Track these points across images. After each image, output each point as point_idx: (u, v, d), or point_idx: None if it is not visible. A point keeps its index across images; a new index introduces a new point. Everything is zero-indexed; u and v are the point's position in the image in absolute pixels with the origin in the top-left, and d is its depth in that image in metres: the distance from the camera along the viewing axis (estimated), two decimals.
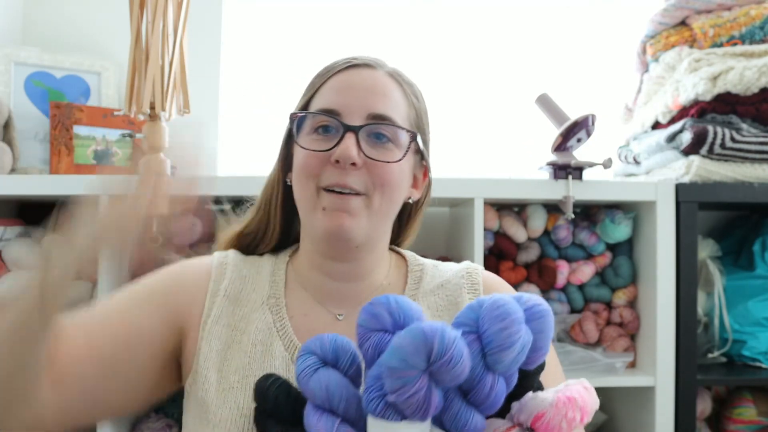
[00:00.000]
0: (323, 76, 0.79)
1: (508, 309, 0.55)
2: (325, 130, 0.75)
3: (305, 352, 0.61)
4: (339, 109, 0.74)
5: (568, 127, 1.35)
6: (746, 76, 1.31)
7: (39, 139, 1.53)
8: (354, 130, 0.73)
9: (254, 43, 1.78)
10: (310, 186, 0.74)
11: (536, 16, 1.82)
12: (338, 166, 0.72)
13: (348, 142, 0.72)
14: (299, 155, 0.76)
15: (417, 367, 0.52)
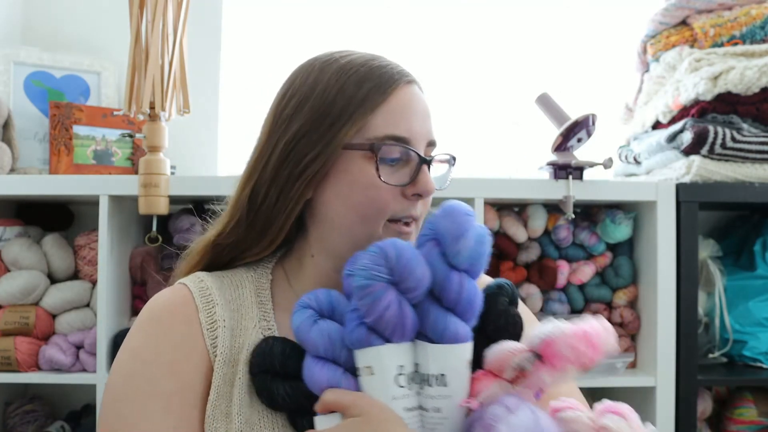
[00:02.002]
0: (381, 92, 0.67)
1: (455, 205, 0.62)
2: (395, 158, 0.67)
3: (301, 306, 0.61)
4: (409, 137, 0.67)
5: (569, 126, 1.35)
6: (747, 75, 1.31)
7: (38, 139, 1.53)
8: (428, 162, 0.69)
9: (254, 43, 1.78)
10: (377, 220, 0.67)
11: (536, 15, 1.82)
12: (411, 199, 0.68)
13: (429, 176, 0.68)
14: (370, 188, 0.66)
15: (380, 278, 0.56)
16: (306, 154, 0.67)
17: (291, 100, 0.71)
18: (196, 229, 1.41)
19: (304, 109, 0.69)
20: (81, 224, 1.59)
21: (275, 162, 0.69)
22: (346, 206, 0.67)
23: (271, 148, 0.70)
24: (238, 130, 1.77)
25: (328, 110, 0.67)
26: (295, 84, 0.73)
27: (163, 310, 0.68)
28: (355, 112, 0.67)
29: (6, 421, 1.47)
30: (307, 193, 0.69)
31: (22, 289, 1.34)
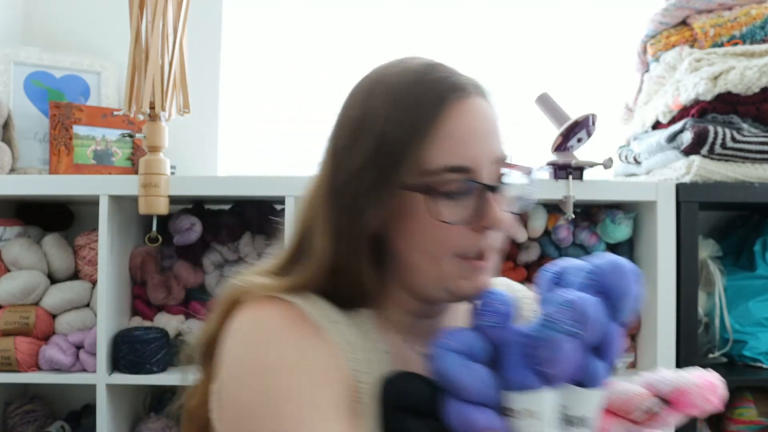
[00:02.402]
0: (431, 117, 0.59)
1: (624, 263, 0.61)
2: (454, 192, 0.59)
3: (447, 348, 0.59)
4: (469, 165, 0.59)
5: (569, 126, 1.35)
6: (747, 75, 1.31)
7: (38, 139, 1.53)
8: (494, 189, 0.61)
9: (254, 43, 1.78)
10: (444, 259, 0.61)
11: (536, 15, 1.82)
12: (481, 232, 0.61)
13: (497, 206, 0.60)
14: (432, 227, 0.59)
15: (569, 331, 0.55)
16: (362, 195, 0.60)
17: (344, 129, 0.63)
18: (196, 228, 1.41)
19: (357, 144, 0.60)
20: (81, 224, 1.59)
21: (334, 202, 0.61)
22: (411, 246, 0.61)
23: (332, 183, 0.62)
24: (238, 130, 1.77)
25: (378, 146, 0.59)
26: (347, 109, 0.64)
27: (286, 323, 0.59)
28: (406, 146, 0.59)
29: (6, 421, 1.47)
30: (369, 230, 0.61)
31: (22, 289, 1.34)
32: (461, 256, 0.61)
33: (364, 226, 0.60)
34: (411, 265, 0.62)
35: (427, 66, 0.64)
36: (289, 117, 1.78)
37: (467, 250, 0.61)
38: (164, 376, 1.34)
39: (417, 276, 0.62)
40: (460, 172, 0.59)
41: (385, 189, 0.59)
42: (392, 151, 0.59)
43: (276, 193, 1.30)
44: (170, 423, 1.43)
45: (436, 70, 0.63)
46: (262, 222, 1.46)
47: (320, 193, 0.63)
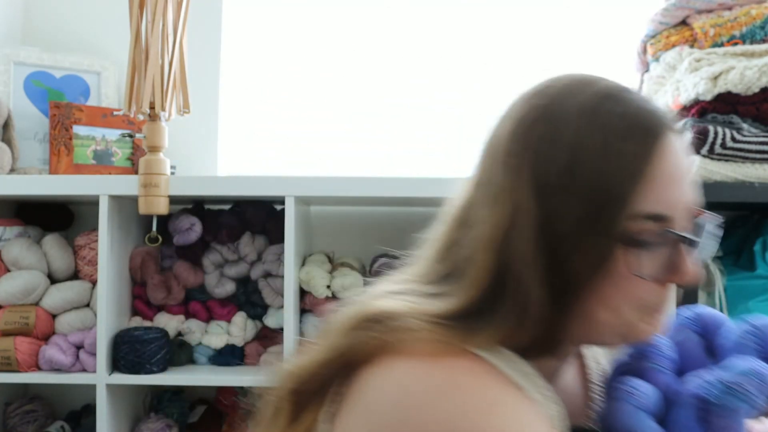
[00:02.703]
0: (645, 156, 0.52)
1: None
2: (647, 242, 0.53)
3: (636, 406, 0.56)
4: (669, 213, 0.53)
5: None
6: (747, 75, 1.31)
7: (38, 139, 1.53)
8: (692, 243, 0.55)
9: (254, 43, 1.78)
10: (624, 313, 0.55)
11: (536, 15, 1.82)
12: (668, 288, 0.56)
13: (692, 262, 0.55)
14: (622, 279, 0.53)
15: (752, 402, 0.53)
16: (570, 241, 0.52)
17: (553, 162, 0.53)
18: (196, 228, 1.41)
19: (569, 182, 0.52)
20: (81, 224, 1.59)
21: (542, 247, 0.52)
22: (594, 296, 0.54)
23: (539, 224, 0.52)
24: (238, 130, 1.77)
25: (592, 187, 0.51)
26: (555, 134, 0.54)
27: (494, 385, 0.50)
28: (618, 189, 0.51)
29: (6, 421, 1.47)
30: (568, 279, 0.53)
31: (22, 289, 1.34)
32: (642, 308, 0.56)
33: (568, 275, 0.52)
34: (589, 315, 0.55)
35: (617, 89, 0.56)
36: (289, 117, 1.78)
37: (650, 304, 0.56)
38: (164, 376, 1.34)
39: (592, 326, 0.56)
40: (658, 220, 0.53)
41: (592, 236, 0.52)
42: (605, 194, 0.51)
43: (276, 193, 1.30)
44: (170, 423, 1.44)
45: (630, 95, 0.56)
46: (262, 222, 1.46)
47: (524, 234, 0.52)
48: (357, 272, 1.43)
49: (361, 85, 1.78)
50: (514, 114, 0.58)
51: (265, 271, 1.43)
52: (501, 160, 0.56)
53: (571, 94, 0.56)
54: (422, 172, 1.76)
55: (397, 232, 1.66)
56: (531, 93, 0.59)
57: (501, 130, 0.58)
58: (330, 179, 1.32)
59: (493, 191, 0.55)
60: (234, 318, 1.45)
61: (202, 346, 1.43)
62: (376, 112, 1.78)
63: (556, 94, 0.56)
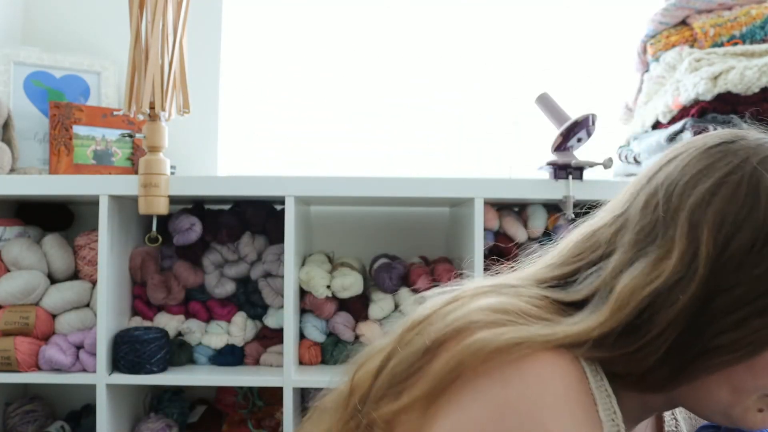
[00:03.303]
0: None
1: None
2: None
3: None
4: None
5: (569, 126, 1.35)
6: (747, 75, 1.31)
7: (38, 139, 1.53)
8: None
9: (254, 43, 1.78)
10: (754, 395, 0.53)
11: (536, 15, 1.82)
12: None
13: None
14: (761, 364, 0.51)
15: None
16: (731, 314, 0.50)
17: (741, 234, 0.50)
18: (196, 228, 1.41)
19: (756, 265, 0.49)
20: (81, 224, 1.59)
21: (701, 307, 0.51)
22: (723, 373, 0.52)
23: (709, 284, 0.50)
24: (238, 130, 1.77)
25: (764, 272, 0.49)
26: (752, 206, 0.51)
27: (574, 391, 0.50)
28: None
29: (6, 421, 1.47)
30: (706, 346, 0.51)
31: (22, 289, 1.34)
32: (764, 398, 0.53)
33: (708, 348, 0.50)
34: (709, 389, 0.53)
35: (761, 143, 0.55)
36: (289, 117, 1.78)
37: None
38: (164, 376, 1.34)
39: (706, 399, 0.54)
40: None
41: (756, 320, 0.49)
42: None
43: (276, 193, 1.30)
44: (170, 422, 1.44)
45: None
46: (262, 222, 1.46)
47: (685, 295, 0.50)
48: (357, 272, 1.43)
49: (361, 85, 1.78)
50: (698, 165, 0.55)
51: (265, 271, 1.43)
52: (677, 212, 0.53)
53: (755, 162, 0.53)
54: (422, 172, 1.76)
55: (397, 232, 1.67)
56: (719, 146, 0.56)
57: (676, 176, 0.56)
58: (330, 179, 1.32)
59: (663, 243, 0.53)
60: (234, 318, 1.45)
61: (202, 346, 1.43)
62: (376, 112, 1.78)
63: (755, 156, 0.54)
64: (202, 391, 1.60)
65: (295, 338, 1.36)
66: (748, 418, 0.54)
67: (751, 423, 0.54)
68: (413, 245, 1.64)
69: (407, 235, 1.67)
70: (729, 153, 0.54)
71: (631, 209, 0.59)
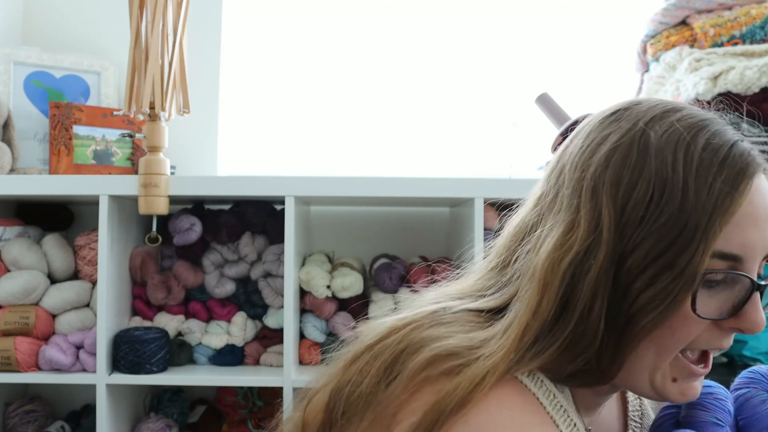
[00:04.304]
0: (733, 194, 0.50)
1: None
2: (717, 282, 0.52)
3: None
4: (742, 254, 0.51)
5: (568, 126, 1.35)
6: (747, 75, 1.31)
7: (38, 139, 1.53)
8: (762, 289, 0.52)
9: (254, 43, 1.78)
10: (670, 353, 0.53)
11: (536, 15, 1.82)
12: (727, 330, 0.53)
13: (760, 308, 0.52)
14: (679, 319, 0.51)
15: None
16: (643, 274, 0.50)
17: (638, 192, 0.51)
18: (196, 228, 1.41)
19: (657, 219, 0.50)
20: (81, 224, 1.59)
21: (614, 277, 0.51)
22: (648, 336, 0.52)
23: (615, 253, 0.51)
24: (238, 130, 1.77)
25: (680, 227, 0.49)
26: (643, 164, 0.52)
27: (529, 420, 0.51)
28: (699, 226, 0.49)
29: (6, 421, 1.47)
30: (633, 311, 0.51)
31: (22, 289, 1.34)
32: (685, 351, 0.54)
33: (633, 311, 0.51)
34: (638, 356, 0.53)
35: (708, 121, 0.55)
36: (289, 117, 1.78)
37: (702, 346, 0.54)
38: (164, 376, 1.34)
39: (633, 365, 0.54)
40: (731, 260, 0.51)
41: (668, 272, 0.49)
42: (688, 231, 0.49)
43: (276, 193, 1.30)
44: (170, 423, 1.44)
45: (721, 127, 0.55)
46: (262, 222, 1.46)
47: (598, 263, 0.51)
48: (357, 272, 1.42)
49: (361, 85, 1.78)
50: (594, 136, 0.56)
51: (265, 271, 1.43)
52: (580, 183, 0.54)
53: (659, 121, 0.53)
54: (422, 172, 1.76)
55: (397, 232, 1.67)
56: (613, 115, 0.56)
57: (577, 149, 0.56)
58: (330, 179, 1.32)
59: (569, 215, 0.54)
60: (234, 318, 1.45)
61: (202, 346, 1.43)
62: (376, 112, 1.78)
63: (643, 119, 0.54)
64: (202, 391, 1.60)
65: (295, 338, 1.36)
66: (667, 388, 0.54)
67: (669, 392, 0.54)
68: (413, 245, 1.64)
69: (407, 235, 1.67)
70: (622, 119, 0.55)
71: (545, 189, 0.59)
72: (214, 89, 1.71)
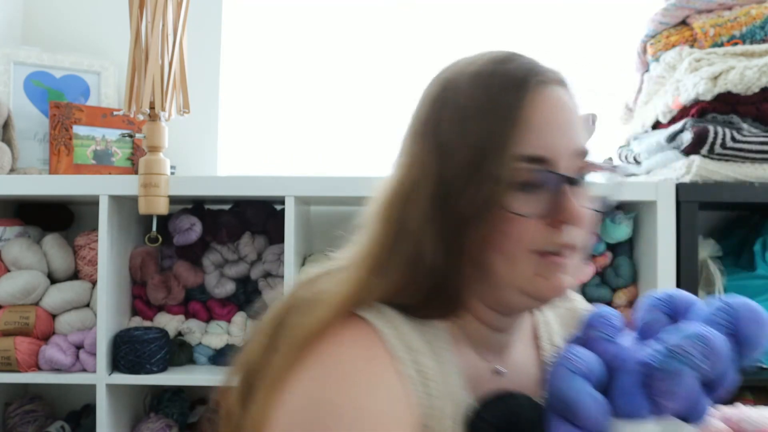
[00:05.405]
0: (514, 100, 0.57)
1: (758, 308, 0.58)
2: (530, 183, 0.57)
3: (573, 371, 0.56)
4: (548, 156, 0.57)
5: None
6: (747, 75, 1.31)
7: (38, 139, 1.53)
8: (573, 182, 0.58)
9: (254, 43, 1.78)
10: (518, 256, 0.57)
11: (536, 15, 1.82)
12: (556, 227, 0.57)
13: (573, 200, 0.57)
14: (505, 222, 0.56)
15: (695, 366, 0.53)
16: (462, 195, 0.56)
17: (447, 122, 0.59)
18: (196, 228, 1.41)
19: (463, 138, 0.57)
20: (81, 224, 1.59)
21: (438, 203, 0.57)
22: (486, 244, 0.57)
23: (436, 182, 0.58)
24: (238, 130, 1.77)
25: (480, 139, 0.56)
26: (452, 98, 0.60)
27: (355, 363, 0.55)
28: (490, 135, 0.56)
29: (6, 421, 1.47)
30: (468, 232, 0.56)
31: (22, 289, 1.34)
32: (538, 253, 0.57)
33: (458, 221, 0.56)
34: (486, 266, 0.58)
35: (507, 54, 0.64)
36: (289, 117, 1.78)
37: (543, 246, 0.57)
38: (164, 376, 1.34)
39: (492, 278, 0.58)
40: (538, 162, 0.56)
41: (477, 179, 0.56)
42: (487, 141, 0.56)
43: (276, 193, 1.30)
44: (170, 422, 1.44)
45: (517, 57, 0.63)
46: (262, 222, 1.46)
47: (422, 189, 0.58)
48: None
49: (361, 84, 1.78)
50: (424, 90, 0.65)
51: (265, 271, 1.43)
52: (407, 129, 0.63)
53: (468, 65, 0.63)
54: None
55: None
56: (442, 70, 0.65)
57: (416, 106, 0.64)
58: (330, 179, 1.32)
59: (399, 157, 0.62)
60: (234, 318, 1.45)
61: (202, 346, 1.43)
62: (376, 112, 1.78)
63: (458, 66, 0.64)
64: (202, 391, 1.60)
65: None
66: (537, 287, 0.58)
67: (540, 290, 0.58)
68: None
69: None
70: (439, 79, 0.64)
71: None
72: (214, 89, 1.71)
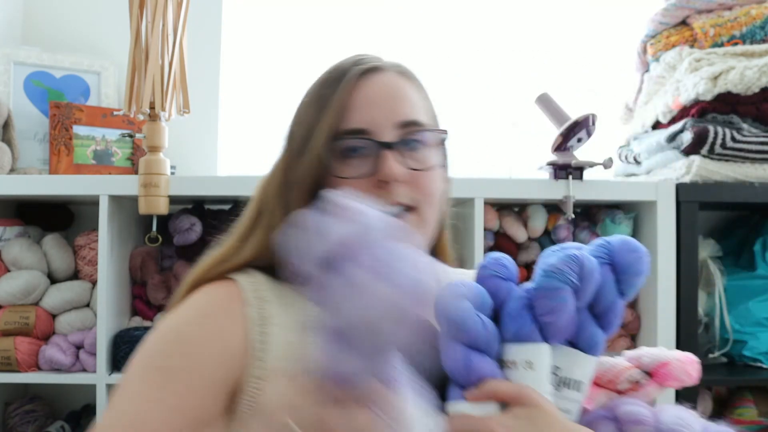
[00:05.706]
0: (334, 88, 0.70)
1: (637, 244, 0.63)
2: (354, 151, 0.68)
3: (460, 295, 0.60)
4: (367, 128, 0.68)
5: (569, 126, 1.35)
6: (747, 75, 1.31)
7: (38, 139, 1.53)
8: (389, 146, 0.68)
9: (254, 43, 1.78)
10: None
11: (537, 15, 1.82)
12: (383, 187, 0.67)
13: (388, 160, 0.67)
14: (337, 186, 0.66)
15: (571, 283, 0.59)
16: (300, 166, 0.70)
17: (294, 118, 0.76)
18: (196, 228, 1.41)
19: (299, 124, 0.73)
20: (81, 224, 1.59)
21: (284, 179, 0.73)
22: None
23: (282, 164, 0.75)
24: (238, 130, 1.77)
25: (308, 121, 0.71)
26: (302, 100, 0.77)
27: (208, 303, 0.67)
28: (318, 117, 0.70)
29: (6, 421, 1.47)
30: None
31: (22, 289, 1.34)
32: None
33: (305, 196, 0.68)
34: None
35: (351, 56, 0.77)
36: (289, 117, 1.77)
37: None
38: None
39: None
40: (358, 133, 0.68)
41: (308, 149, 0.69)
42: (313, 121, 0.70)
43: None
44: None
45: (355, 56, 0.76)
46: None
47: (275, 174, 0.73)
48: None
49: None
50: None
51: None
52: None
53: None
54: None
55: None
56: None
57: None
58: None
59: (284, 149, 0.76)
60: None
61: None
62: None
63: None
64: None
65: None
66: None
67: None
68: None
69: None
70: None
71: None
72: (214, 89, 1.71)
